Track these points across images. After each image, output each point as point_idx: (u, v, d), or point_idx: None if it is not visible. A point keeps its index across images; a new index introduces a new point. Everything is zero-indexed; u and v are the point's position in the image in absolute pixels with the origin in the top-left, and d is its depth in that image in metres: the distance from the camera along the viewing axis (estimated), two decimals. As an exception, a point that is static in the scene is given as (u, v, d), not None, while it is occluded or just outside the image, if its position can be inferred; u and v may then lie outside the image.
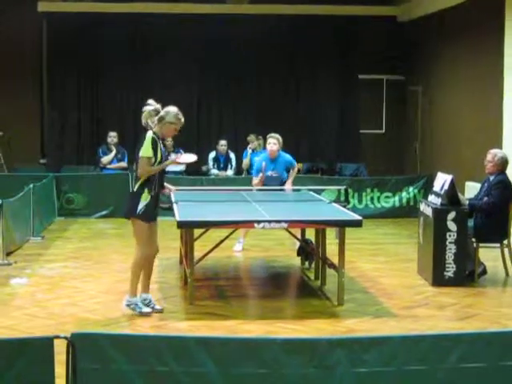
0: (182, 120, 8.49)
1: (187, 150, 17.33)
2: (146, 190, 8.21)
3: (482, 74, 15.09)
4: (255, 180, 12.02)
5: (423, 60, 18.41)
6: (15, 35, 18.23)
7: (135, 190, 8.30)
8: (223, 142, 17.05)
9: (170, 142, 16.85)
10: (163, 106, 8.50)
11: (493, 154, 10.29)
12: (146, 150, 8.23)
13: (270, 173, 11.91)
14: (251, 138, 16.68)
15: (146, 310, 8.41)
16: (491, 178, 10.22)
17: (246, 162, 16.68)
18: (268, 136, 12.18)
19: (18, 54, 18.37)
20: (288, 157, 12.14)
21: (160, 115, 8.35)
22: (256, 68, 18.98)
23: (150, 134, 8.28)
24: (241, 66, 18.95)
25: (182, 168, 16.85)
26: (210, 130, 18.94)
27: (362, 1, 18.89)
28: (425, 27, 18.12)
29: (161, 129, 8.37)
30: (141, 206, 8.20)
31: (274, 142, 11.98)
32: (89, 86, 18.97)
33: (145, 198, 8.20)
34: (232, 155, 17.12)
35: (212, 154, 17.11)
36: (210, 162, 17.02)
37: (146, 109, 8.43)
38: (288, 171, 12.07)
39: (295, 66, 19.25)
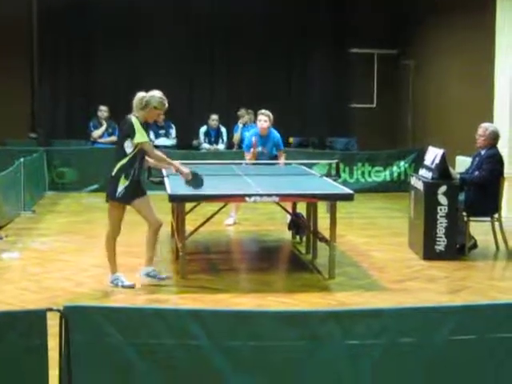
0: (166, 105, 8.49)
1: (179, 125, 17.34)
2: (123, 175, 8.25)
3: (474, 48, 15.08)
4: (248, 155, 12.00)
5: (415, 34, 18.38)
6: (5, 11, 18.08)
7: (113, 174, 8.33)
8: (214, 117, 17.01)
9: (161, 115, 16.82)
10: (154, 80, 8.48)
11: (484, 127, 10.29)
12: (142, 136, 8.27)
13: (260, 148, 11.90)
14: (242, 112, 16.66)
15: (128, 283, 8.43)
16: (482, 152, 10.22)
17: (236, 136, 16.68)
18: (259, 112, 12.12)
19: (7, 30, 18.22)
20: (277, 136, 12.09)
21: (145, 100, 8.33)
22: (246, 42, 18.93)
23: (134, 119, 8.29)
24: (231, 41, 18.93)
25: (172, 142, 16.83)
26: (201, 105, 18.87)
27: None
28: (417, 1, 18.06)
29: (145, 113, 8.34)
30: (120, 189, 8.26)
31: (264, 119, 11.92)
32: (79, 60, 18.89)
33: (123, 183, 8.25)
34: (223, 129, 17.10)
35: (203, 129, 17.08)
36: (202, 136, 17.00)
37: (144, 95, 8.45)
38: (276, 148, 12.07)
39: (286, 41, 19.21)
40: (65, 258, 9.97)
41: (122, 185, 8.25)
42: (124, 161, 8.27)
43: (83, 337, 4.67)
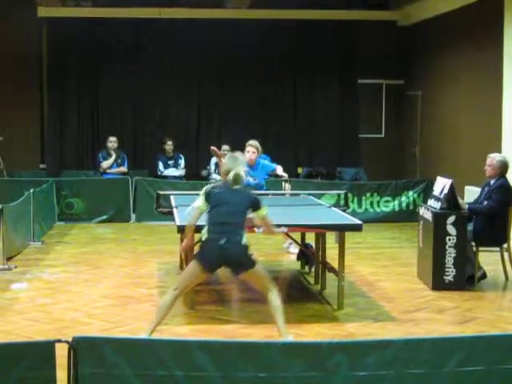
0: None
1: (189, 154, 17.42)
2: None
3: (481, 78, 15.12)
4: None
5: (422, 64, 18.45)
6: (15, 41, 18.26)
7: (243, 242, 7.51)
8: (226, 147, 17.05)
9: (170, 145, 16.90)
10: (163, 112, 8.31)
11: (492, 157, 10.30)
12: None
13: (248, 178, 11.82)
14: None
15: None
16: (491, 182, 10.23)
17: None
18: (247, 144, 11.95)
19: (17, 59, 18.39)
20: (267, 163, 12.04)
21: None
22: (255, 73, 18.99)
23: None
24: (240, 72, 18.99)
25: (181, 173, 16.90)
26: (210, 136, 18.90)
27: (362, 5, 18.94)
28: (424, 32, 18.15)
29: None
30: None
31: (252, 150, 11.78)
32: (88, 90, 18.99)
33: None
34: (233, 160, 17.11)
35: (214, 159, 17.12)
36: (212, 167, 17.04)
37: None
38: (271, 176, 12.05)
39: (295, 71, 19.27)
40: (74, 288, 9.97)
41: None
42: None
43: (92, 368, 4.68)
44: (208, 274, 7.45)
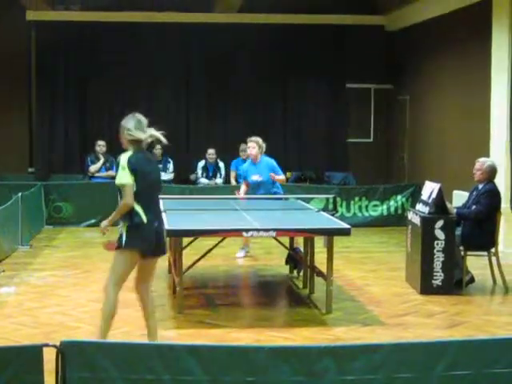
0: None
1: (176, 159, 17.40)
2: None
3: (469, 83, 15.16)
4: (239, 192, 11.99)
5: (411, 69, 18.49)
6: (3, 44, 18.25)
7: None
8: (211, 151, 17.09)
9: (158, 150, 16.88)
10: (151, 115, 8.13)
11: (481, 162, 10.33)
12: None
13: (254, 177, 11.80)
14: (243, 147, 16.68)
15: None
16: (480, 186, 10.25)
17: (233, 174, 16.78)
18: (248, 139, 12.05)
19: (5, 63, 18.35)
20: (271, 161, 11.92)
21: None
22: (244, 77, 18.98)
23: None
24: (229, 75, 18.98)
25: (170, 177, 16.89)
26: (198, 139, 18.89)
27: (350, 10, 18.97)
28: (412, 37, 18.19)
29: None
30: None
31: (252, 145, 11.82)
32: (77, 94, 18.95)
33: None
34: (221, 164, 17.16)
35: (201, 163, 17.15)
36: (199, 171, 17.04)
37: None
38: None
39: (283, 76, 19.28)
40: (62, 292, 9.95)
41: None
42: None
43: (80, 372, 4.67)
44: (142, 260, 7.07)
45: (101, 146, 16.71)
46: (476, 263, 10.62)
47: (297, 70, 19.20)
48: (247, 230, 8.66)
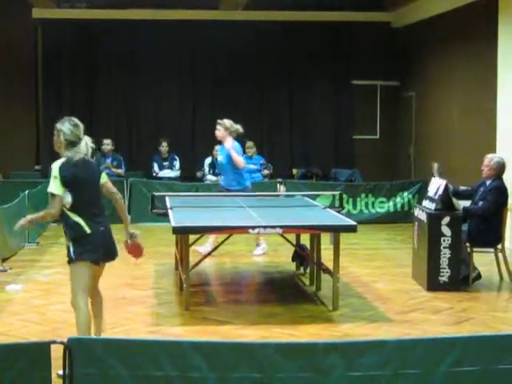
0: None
1: (183, 157, 17.41)
2: None
3: (475, 79, 15.14)
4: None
5: (417, 66, 18.46)
6: (9, 42, 18.30)
7: None
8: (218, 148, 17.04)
9: (165, 147, 16.88)
10: (158, 113, 8.20)
11: (489, 158, 10.33)
12: None
13: (219, 157, 12.55)
14: (250, 144, 16.67)
15: None
16: (487, 182, 10.24)
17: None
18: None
19: (12, 61, 18.41)
20: (236, 144, 12.46)
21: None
22: (250, 74, 19.00)
23: None
24: (235, 73, 18.99)
25: (176, 174, 16.90)
26: (205, 136, 18.89)
27: (356, 7, 18.95)
28: (418, 33, 18.17)
29: None
30: None
31: (218, 127, 12.49)
32: (83, 92, 18.98)
33: None
34: (228, 161, 17.12)
35: (208, 160, 17.12)
36: (206, 168, 17.03)
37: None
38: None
39: (289, 73, 19.28)
40: (68, 290, 9.93)
41: None
42: None
43: (87, 369, 4.68)
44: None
45: (106, 144, 16.70)
46: (482, 260, 10.61)
47: (303, 67, 19.19)
48: (253, 227, 8.66)
